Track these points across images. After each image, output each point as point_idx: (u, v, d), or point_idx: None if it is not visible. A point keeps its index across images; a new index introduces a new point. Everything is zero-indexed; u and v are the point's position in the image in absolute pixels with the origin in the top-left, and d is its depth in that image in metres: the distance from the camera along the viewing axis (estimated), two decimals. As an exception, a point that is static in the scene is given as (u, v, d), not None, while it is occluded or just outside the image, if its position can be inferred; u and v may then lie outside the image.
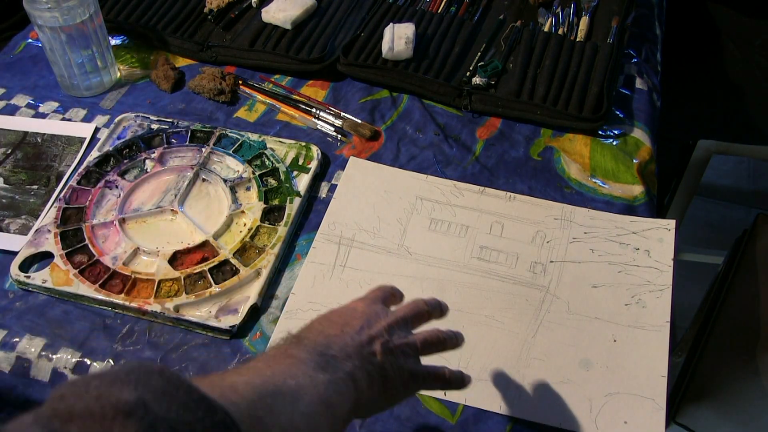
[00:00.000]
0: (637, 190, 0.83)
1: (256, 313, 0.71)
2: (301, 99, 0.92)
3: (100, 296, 0.71)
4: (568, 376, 0.67)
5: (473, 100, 0.91)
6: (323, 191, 0.83)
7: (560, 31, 1.01)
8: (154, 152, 0.84)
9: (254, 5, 1.05)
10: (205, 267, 0.73)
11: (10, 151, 0.87)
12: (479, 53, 0.97)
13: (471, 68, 0.95)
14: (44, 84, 0.95)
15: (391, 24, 0.97)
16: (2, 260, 0.75)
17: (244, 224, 0.78)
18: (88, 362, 0.67)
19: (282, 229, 0.77)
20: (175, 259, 0.74)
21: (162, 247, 0.75)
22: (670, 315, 0.71)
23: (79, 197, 0.80)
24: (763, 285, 1.03)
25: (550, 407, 0.65)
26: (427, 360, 0.55)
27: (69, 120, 0.90)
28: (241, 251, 0.75)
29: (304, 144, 0.85)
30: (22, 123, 0.90)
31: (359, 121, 0.89)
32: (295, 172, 0.83)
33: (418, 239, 0.77)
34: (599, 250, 0.76)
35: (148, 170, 0.83)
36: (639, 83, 0.97)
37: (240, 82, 0.94)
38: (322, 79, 0.96)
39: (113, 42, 1.00)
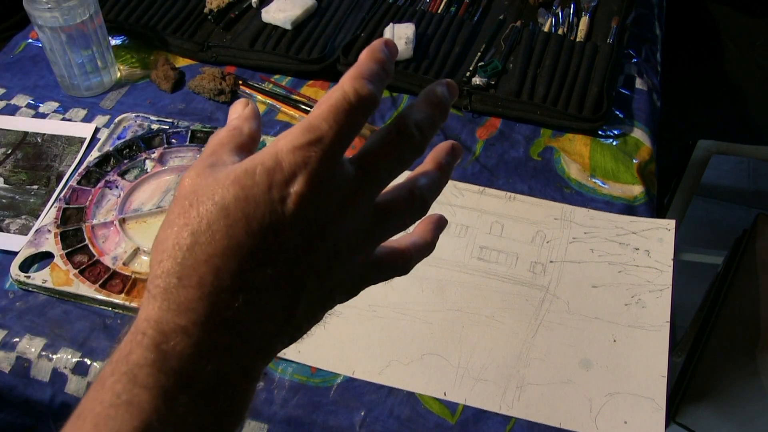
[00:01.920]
0: (636, 190, 0.83)
1: (256, 313, 0.71)
2: (301, 99, 0.92)
3: (100, 296, 0.71)
4: (568, 376, 0.67)
5: (473, 100, 0.91)
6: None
7: (560, 31, 1.01)
8: (154, 152, 0.84)
9: (254, 5, 1.05)
10: (205, 267, 0.73)
11: (10, 151, 0.87)
12: (479, 53, 0.97)
13: (471, 68, 0.95)
14: (44, 84, 0.95)
15: (391, 24, 0.97)
16: (2, 260, 0.75)
17: (244, 224, 0.78)
18: (88, 362, 0.67)
19: (282, 229, 0.77)
20: (175, 259, 0.74)
21: (162, 247, 0.75)
22: (670, 315, 0.71)
23: (79, 197, 0.80)
24: (763, 285, 1.03)
25: (550, 407, 0.65)
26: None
27: (69, 120, 0.90)
28: (241, 251, 0.75)
29: (304, 144, 0.85)
30: (22, 123, 0.90)
31: (359, 121, 0.89)
32: (295, 172, 0.83)
33: (418, 239, 0.77)
34: (599, 250, 0.76)
35: (148, 170, 0.83)
36: (639, 83, 0.97)
37: (240, 82, 0.95)
38: (322, 79, 0.96)
39: (113, 42, 1.00)
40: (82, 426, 0.31)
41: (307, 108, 0.91)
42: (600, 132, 0.89)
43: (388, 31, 0.95)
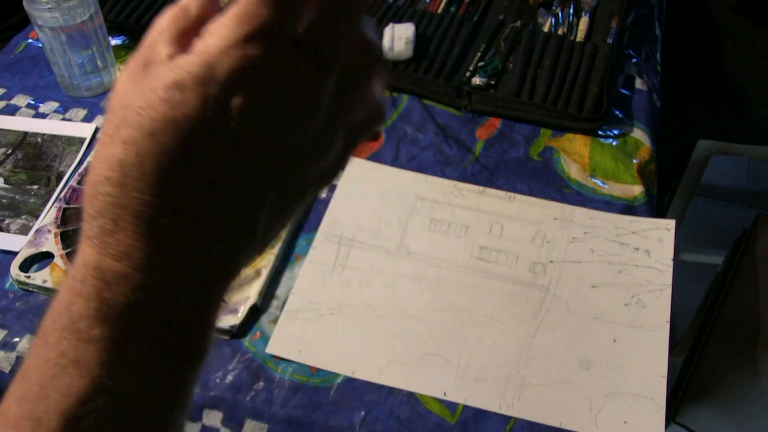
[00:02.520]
0: (636, 190, 0.83)
1: (256, 313, 0.71)
2: (301, 99, 0.92)
3: (100, 296, 0.71)
4: (568, 376, 0.67)
5: (473, 100, 0.91)
6: (323, 191, 0.83)
7: (560, 32, 1.01)
8: (154, 152, 0.84)
9: (254, 5, 1.04)
10: (205, 267, 0.73)
11: (10, 151, 0.87)
12: (479, 53, 0.97)
13: (471, 68, 0.95)
14: (44, 84, 0.95)
15: (391, 24, 0.97)
16: (2, 260, 0.75)
17: (244, 224, 0.78)
18: (89, 362, 0.67)
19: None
20: (175, 259, 0.74)
21: (162, 247, 0.75)
22: (670, 315, 0.71)
23: (80, 197, 0.80)
24: (763, 285, 1.03)
25: (550, 407, 0.65)
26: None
27: (69, 120, 0.90)
28: (241, 251, 0.75)
29: (304, 144, 0.85)
30: (22, 123, 0.90)
31: (359, 121, 0.89)
32: (295, 172, 0.83)
33: (418, 239, 0.77)
34: (599, 250, 0.76)
35: (148, 170, 0.83)
36: (639, 83, 0.97)
37: (240, 82, 0.94)
38: (322, 79, 0.96)
39: (113, 42, 1.00)
40: (28, 388, 0.28)
41: (307, 108, 0.91)
42: (600, 132, 0.89)
43: (388, 31, 0.95)
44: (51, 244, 0.75)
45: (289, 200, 0.31)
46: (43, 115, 0.91)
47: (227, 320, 0.69)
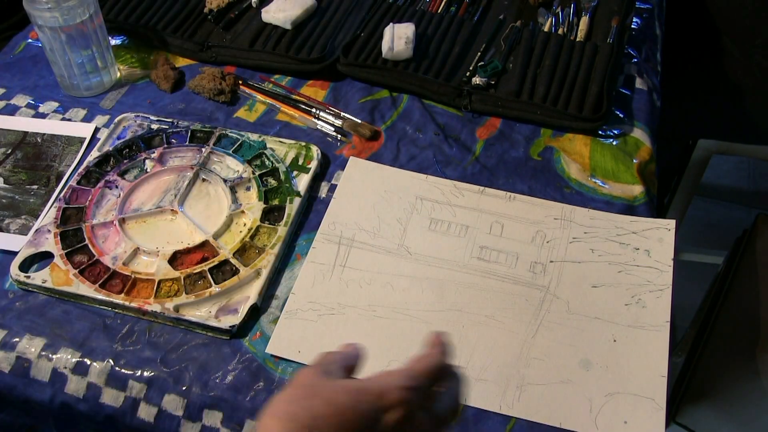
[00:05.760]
0: (636, 190, 0.83)
1: (256, 313, 0.71)
2: (301, 99, 0.92)
3: (100, 296, 0.71)
4: (568, 376, 0.67)
5: (473, 100, 0.91)
6: (323, 191, 0.83)
7: (560, 31, 1.01)
8: (154, 152, 0.84)
9: (254, 5, 1.05)
10: (205, 267, 0.73)
11: (10, 151, 0.87)
12: (479, 53, 0.97)
13: (471, 68, 0.95)
14: (44, 84, 0.95)
15: (391, 24, 0.97)
16: (2, 260, 0.75)
17: (244, 224, 0.78)
18: (88, 362, 0.67)
19: (282, 229, 0.77)
20: (175, 259, 0.74)
21: (162, 247, 0.75)
22: (670, 315, 0.71)
23: (79, 197, 0.80)
24: (763, 285, 1.03)
25: (550, 407, 0.65)
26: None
27: (69, 120, 0.90)
28: (241, 251, 0.75)
29: (304, 144, 0.85)
30: (22, 123, 0.90)
31: (359, 121, 0.89)
32: (295, 172, 0.83)
33: (418, 239, 0.77)
34: (599, 250, 0.76)
35: (148, 170, 0.83)
36: (639, 83, 0.97)
37: (240, 82, 0.95)
38: (322, 79, 0.96)
39: (113, 42, 1.00)
40: None
41: (306, 108, 0.91)
42: (600, 132, 0.89)
43: (388, 31, 0.95)
44: (51, 244, 0.75)
45: None
46: (43, 115, 0.91)
47: (227, 320, 0.69)
